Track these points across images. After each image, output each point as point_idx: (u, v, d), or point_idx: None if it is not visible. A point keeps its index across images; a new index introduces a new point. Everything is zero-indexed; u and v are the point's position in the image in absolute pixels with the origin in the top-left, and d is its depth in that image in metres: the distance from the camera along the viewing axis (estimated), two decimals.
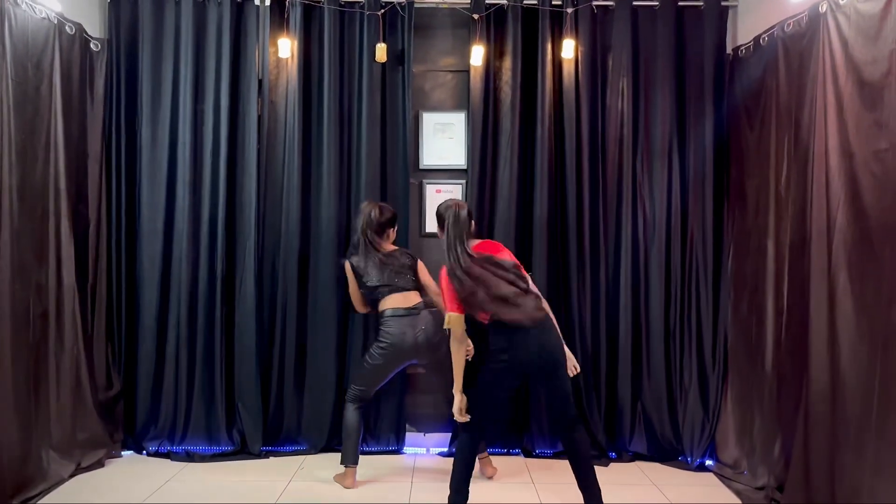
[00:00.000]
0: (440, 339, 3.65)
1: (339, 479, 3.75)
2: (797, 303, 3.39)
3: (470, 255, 3.16)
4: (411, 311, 3.66)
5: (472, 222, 3.31)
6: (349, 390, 3.77)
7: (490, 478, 3.82)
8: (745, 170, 4.00)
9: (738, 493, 3.64)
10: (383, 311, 3.69)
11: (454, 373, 3.24)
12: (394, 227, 3.86)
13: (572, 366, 3.26)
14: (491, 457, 3.91)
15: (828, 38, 3.16)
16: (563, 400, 3.14)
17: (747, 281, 3.94)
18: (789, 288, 3.50)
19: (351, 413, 3.72)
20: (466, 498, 3.20)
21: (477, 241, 3.30)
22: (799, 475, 3.22)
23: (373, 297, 3.74)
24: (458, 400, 3.22)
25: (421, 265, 3.81)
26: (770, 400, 3.64)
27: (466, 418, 3.20)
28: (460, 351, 3.23)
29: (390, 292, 3.68)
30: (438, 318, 3.67)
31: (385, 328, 3.66)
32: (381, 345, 3.66)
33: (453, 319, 3.17)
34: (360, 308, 3.89)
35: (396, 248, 3.83)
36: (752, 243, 3.89)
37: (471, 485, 3.22)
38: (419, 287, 3.76)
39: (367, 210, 3.74)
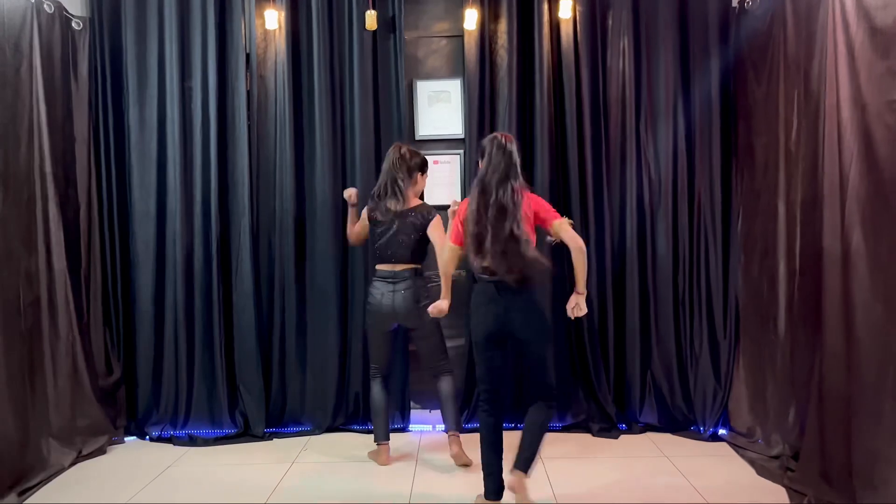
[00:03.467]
0: (424, 306, 3.43)
1: (372, 455, 3.74)
2: (810, 264, 3.26)
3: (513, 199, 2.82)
4: (394, 274, 3.56)
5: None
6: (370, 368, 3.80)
7: (459, 462, 3.57)
8: (753, 127, 3.87)
9: (751, 462, 3.56)
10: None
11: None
12: (423, 174, 3.65)
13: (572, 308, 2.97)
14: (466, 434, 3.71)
15: None
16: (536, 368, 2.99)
17: (757, 243, 3.83)
18: (801, 249, 3.38)
19: (373, 390, 3.72)
20: (496, 483, 2.99)
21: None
22: (813, 443, 3.12)
23: (374, 251, 3.67)
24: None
25: (434, 223, 3.53)
26: (783, 366, 3.54)
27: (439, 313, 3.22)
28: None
29: (382, 261, 3.60)
30: (421, 282, 3.61)
31: (370, 289, 3.66)
32: (366, 308, 3.68)
33: (449, 250, 3.09)
34: (354, 242, 3.88)
35: (420, 203, 3.62)
36: (762, 203, 3.77)
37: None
38: (416, 258, 3.59)
39: (394, 153, 3.56)
